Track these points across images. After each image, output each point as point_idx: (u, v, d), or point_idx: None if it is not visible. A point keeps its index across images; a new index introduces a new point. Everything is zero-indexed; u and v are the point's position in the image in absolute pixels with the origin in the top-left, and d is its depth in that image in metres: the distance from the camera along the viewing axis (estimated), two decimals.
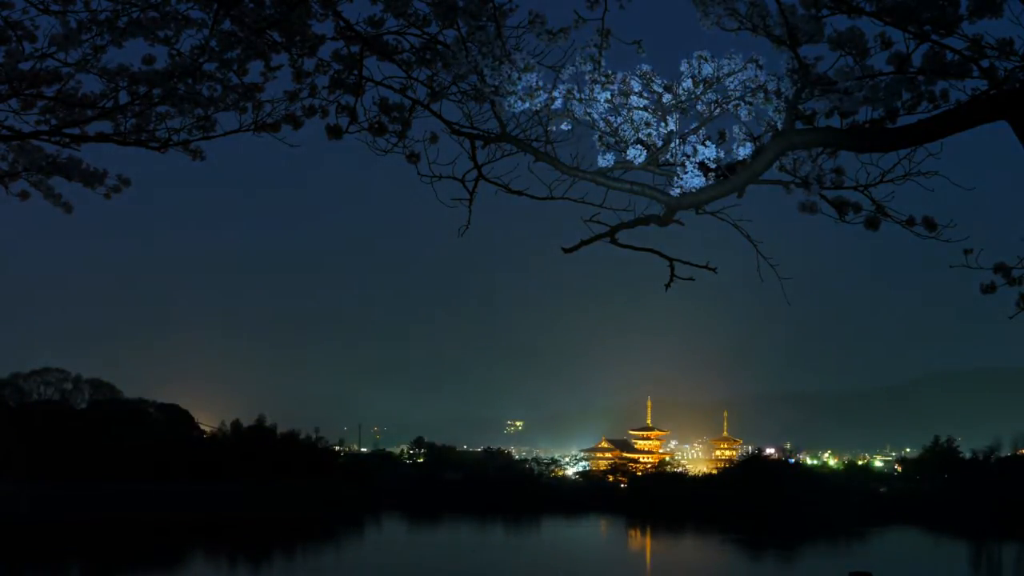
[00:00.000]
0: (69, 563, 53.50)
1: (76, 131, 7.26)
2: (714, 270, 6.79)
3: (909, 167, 6.31)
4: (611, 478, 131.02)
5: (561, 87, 6.36)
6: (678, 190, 6.16)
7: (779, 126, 6.14)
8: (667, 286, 6.77)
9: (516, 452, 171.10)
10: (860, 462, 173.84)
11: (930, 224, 6.32)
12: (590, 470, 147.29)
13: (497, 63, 6.33)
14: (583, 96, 6.35)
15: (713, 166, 6.16)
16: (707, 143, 6.21)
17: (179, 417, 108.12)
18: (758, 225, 6.61)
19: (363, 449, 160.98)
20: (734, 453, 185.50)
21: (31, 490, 79.57)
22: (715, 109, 6.28)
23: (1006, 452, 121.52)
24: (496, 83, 6.35)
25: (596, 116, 6.36)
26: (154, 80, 6.86)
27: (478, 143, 6.81)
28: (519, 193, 6.84)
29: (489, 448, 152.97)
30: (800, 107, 6.16)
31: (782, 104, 6.15)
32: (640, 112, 6.29)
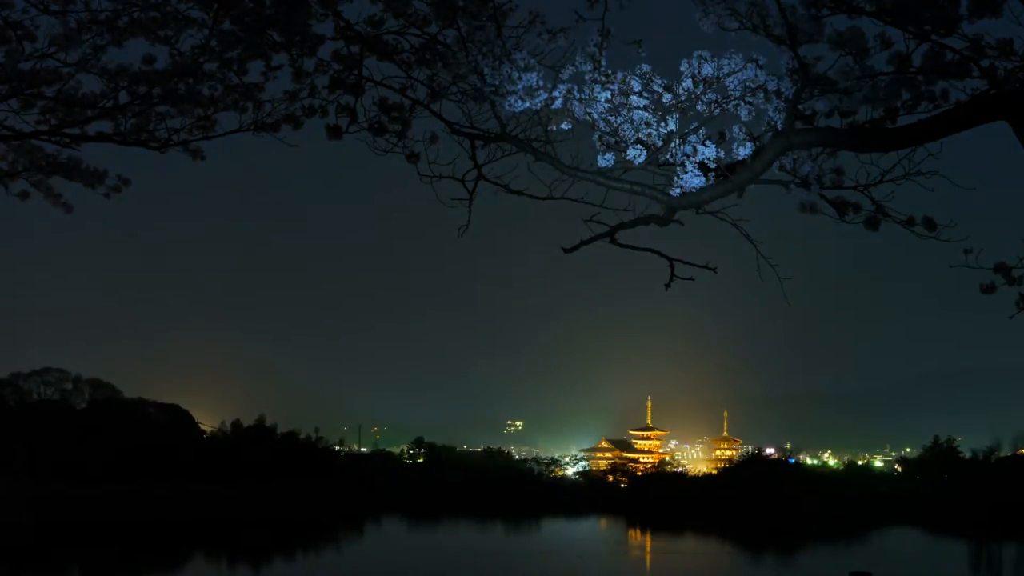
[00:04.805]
0: (69, 563, 53.45)
1: (76, 131, 7.27)
2: (714, 270, 6.80)
3: (909, 167, 6.32)
4: (611, 478, 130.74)
5: (561, 87, 6.37)
6: (678, 190, 6.16)
7: (779, 126, 6.14)
8: (667, 286, 6.78)
9: (516, 452, 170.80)
10: (860, 462, 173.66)
11: (930, 224, 6.33)
12: (590, 470, 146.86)
13: (497, 63, 6.33)
14: (583, 96, 6.35)
15: (713, 166, 6.17)
16: (707, 143, 6.21)
17: (179, 417, 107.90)
18: (758, 225, 6.60)
19: (363, 449, 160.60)
20: (734, 453, 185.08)
21: (31, 490, 79.44)
22: (715, 109, 6.28)
23: (1006, 452, 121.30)
24: (496, 83, 6.35)
25: (596, 116, 6.36)
26: (154, 80, 6.86)
27: (478, 143, 6.81)
28: (519, 193, 6.84)
29: (489, 448, 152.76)
30: (800, 107, 6.16)
31: (782, 104, 6.15)
32: (640, 112, 6.29)
